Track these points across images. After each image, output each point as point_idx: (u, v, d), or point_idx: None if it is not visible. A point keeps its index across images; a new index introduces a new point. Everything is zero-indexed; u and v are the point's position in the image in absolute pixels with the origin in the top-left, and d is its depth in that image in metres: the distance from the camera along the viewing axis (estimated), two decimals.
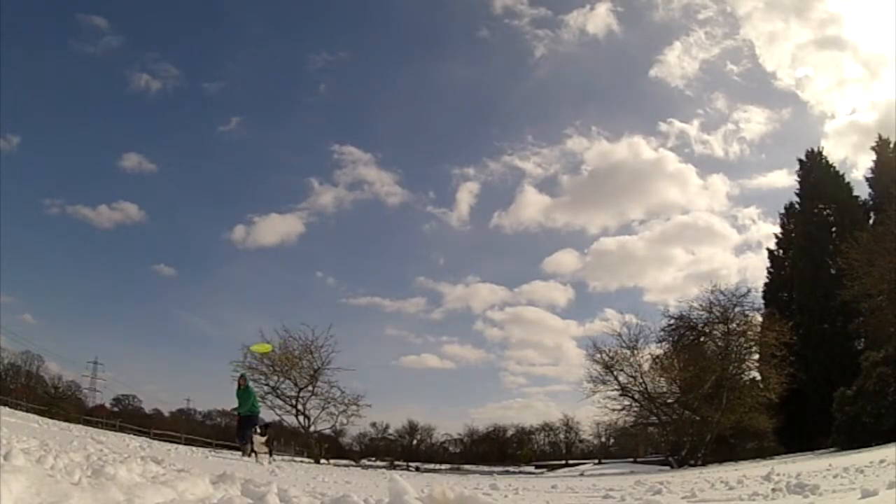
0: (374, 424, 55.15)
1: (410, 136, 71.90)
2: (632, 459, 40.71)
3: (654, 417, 33.96)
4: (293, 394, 32.67)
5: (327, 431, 36.68)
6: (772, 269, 39.18)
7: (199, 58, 65.67)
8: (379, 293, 65.03)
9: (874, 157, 36.55)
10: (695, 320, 33.19)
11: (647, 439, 39.77)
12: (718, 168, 78.28)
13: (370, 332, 64.60)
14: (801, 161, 38.71)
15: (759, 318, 32.54)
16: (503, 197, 71.57)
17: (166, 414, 52.47)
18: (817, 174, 37.46)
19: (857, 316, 28.39)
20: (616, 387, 32.84)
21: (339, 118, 68.74)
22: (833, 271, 32.67)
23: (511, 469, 43.71)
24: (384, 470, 28.05)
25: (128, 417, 43.83)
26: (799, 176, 38.63)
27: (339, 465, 29.90)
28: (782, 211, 39.65)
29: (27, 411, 25.88)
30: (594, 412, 36.77)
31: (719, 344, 32.31)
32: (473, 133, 74.80)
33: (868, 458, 11.18)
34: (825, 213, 36.65)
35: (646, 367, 32.65)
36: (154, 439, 23.32)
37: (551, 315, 61.43)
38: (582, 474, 26.77)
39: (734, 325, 31.82)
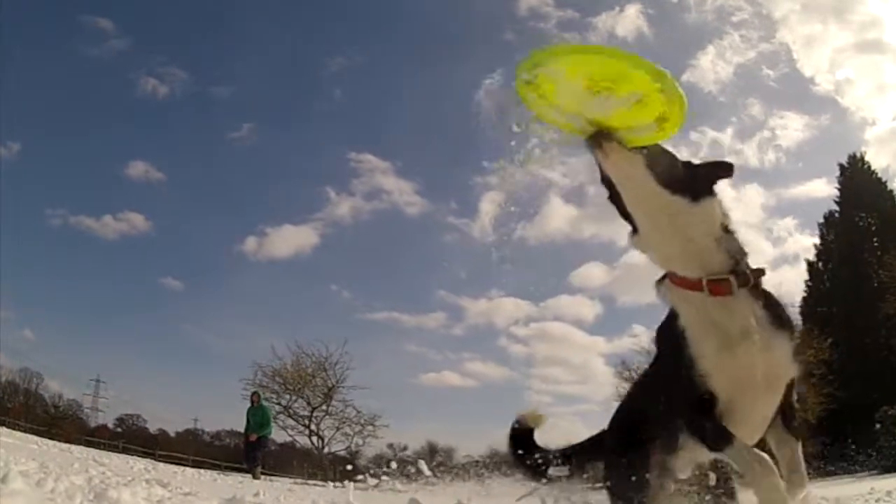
0: (391, 445, 54.70)
1: (431, 143, 71.59)
2: None
3: None
4: (306, 413, 32.59)
5: (342, 453, 36.48)
6: (811, 283, 38.62)
7: (209, 61, 65.76)
8: (397, 308, 64.44)
9: None
10: None
11: None
12: (753, 178, 76.78)
13: (388, 348, 63.93)
14: (841, 167, 38.39)
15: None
16: (528, 207, 70.79)
17: (172, 434, 52.41)
18: (859, 181, 37.11)
19: None
20: None
21: (356, 124, 68.22)
22: (876, 283, 32.26)
23: None
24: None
25: (131, 438, 43.81)
26: (839, 183, 38.30)
27: (358, 489, 29.55)
28: (821, 221, 39.31)
29: (26, 431, 25.83)
30: None
31: None
32: (497, 141, 74.20)
33: None
34: (868, 221, 36.27)
35: None
36: (159, 461, 23.17)
37: (578, 331, 60.67)
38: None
39: None
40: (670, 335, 2.64)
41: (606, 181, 2.64)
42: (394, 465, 4.95)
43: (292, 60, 62.30)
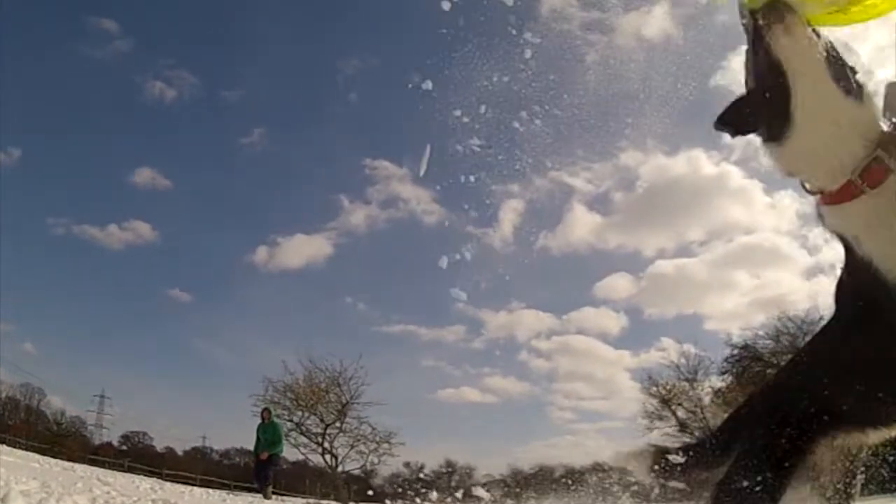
0: (407, 464, 54.14)
1: (448, 149, 70.95)
2: None
3: None
4: (319, 430, 32.46)
5: (356, 472, 36.25)
6: None
7: (218, 64, 65.30)
8: (414, 321, 63.72)
9: None
10: (760, 350, 32.62)
11: None
12: (787, 184, 76.10)
13: (404, 362, 63.82)
14: None
15: None
16: (550, 216, 70.27)
17: (180, 452, 52.48)
18: None
19: None
20: (674, 423, 32.39)
21: (372, 130, 67.92)
22: None
23: None
24: None
25: (137, 456, 43.70)
26: None
27: None
28: None
29: (27, 449, 25.60)
30: None
31: None
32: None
33: None
34: None
35: (706, 401, 32.17)
36: (166, 480, 22.91)
37: (603, 344, 59.81)
38: None
39: None
40: (852, 269, 2.05)
41: (766, 66, 2.06)
42: (434, 494, 4.38)
43: (305, 63, 61.98)
